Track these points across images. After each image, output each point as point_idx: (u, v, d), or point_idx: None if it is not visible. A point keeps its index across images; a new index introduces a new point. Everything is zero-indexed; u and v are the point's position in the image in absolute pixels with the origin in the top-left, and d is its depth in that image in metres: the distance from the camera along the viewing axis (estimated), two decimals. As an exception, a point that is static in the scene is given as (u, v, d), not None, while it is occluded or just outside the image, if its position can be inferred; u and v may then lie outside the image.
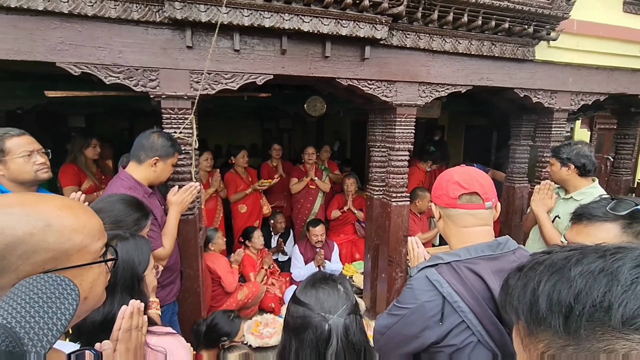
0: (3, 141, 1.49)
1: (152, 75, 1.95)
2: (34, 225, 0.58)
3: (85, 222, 0.65)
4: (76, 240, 0.62)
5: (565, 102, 3.00)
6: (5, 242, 0.55)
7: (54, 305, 0.47)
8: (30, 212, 0.59)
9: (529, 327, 0.48)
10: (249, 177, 3.97)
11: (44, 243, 0.58)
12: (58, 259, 0.59)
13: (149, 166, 1.78)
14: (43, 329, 0.44)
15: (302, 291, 0.90)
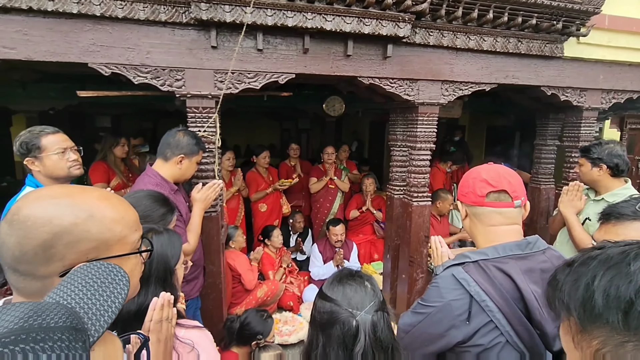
0: (39, 139, 1.56)
1: (178, 75, 2.00)
2: (78, 215, 0.60)
3: (124, 213, 0.67)
4: (116, 230, 0.64)
5: (595, 101, 2.88)
6: (53, 231, 0.58)
7: (108, 290, 0.49)
8: (74, 203, 0.62)
9: (582, 324, 0.47)
10: (269, 177, 4.00)
11: (87, 233, 0.60)
12: (99, 248, 0.62)
13: (174, 164, 1.83)
14: (100, 310, 0.47)
15: (329, 287, 0.90)
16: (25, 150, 1.54)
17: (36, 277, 0.58)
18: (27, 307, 0.40)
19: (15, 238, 0.57)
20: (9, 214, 0.59)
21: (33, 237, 0.57)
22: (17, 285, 0.60)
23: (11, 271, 0.59)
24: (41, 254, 0.57)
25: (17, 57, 1.76)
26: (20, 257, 0.57)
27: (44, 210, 0.59)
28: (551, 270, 0.98)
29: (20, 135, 1.56)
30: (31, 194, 0.62)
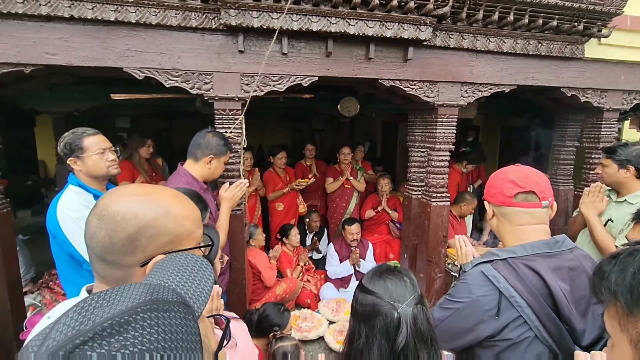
0: (82, 139, 1.65)
1: (206, 78, 2.08)
2: (157, 212, 0.66)
3: (192, 211, 0.73)
4: (186, 226, 0.70)
5: (616, 102, 2.87)
6: (138, 225, 0.64)
7: (198, 275, 0.56)
8: (152, 200, 0.68)
9: (629, 308, 0.53)
10: (287, 177, 4.07)
11: (165, 227, 0.66)
12: (174, 242, 0.68)
13: (204, 163, 1.91)
14: (196, 292, 0.53)
15: (370, 280, 0.95)
16: (68, 151, 1.63)
17: (121, 267, 0.65)
18: (144, 286, 0.46)
19: (105, 231, 0.63)
20: (97, 209, 0.66)
21: (121, 230, 0.63)
22: (102, 274, 0.67)
23: (99, 260, 0.66)
24: (127, 246, 0.64)
25: (58, 63, 1.86)
26: (109, 248, 0.63)
27: (130, 206, 0.65)
28: (579, 268, 1.02)
29: (64, 136, 1.65)
30: (115, 192, 0.69)
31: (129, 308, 0.40)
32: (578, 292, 0.99)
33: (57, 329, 0.39)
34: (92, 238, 0.65)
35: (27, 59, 1.83)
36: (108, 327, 0.38)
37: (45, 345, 0.38)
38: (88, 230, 0.66)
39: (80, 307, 0.42)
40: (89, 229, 0.66)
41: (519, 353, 1.00)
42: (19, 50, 1.81)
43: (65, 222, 1.54)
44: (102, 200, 0.68)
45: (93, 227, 0.65)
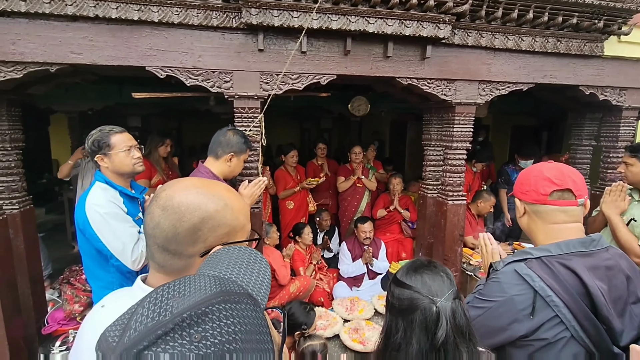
0: (109, 137, 1.68)
1: (226, 77, 2.09)
2: (218, 203, 0.69)
3: (244, 205, 0.76)
4: (241, 219, 0.73)
5: (635, 100, 2.83)
6: (201, 216, 0.66)
7: (256, 268, 0.56)
8: (212, 193, 0.70)
9: None
10: (297, 175, 4.08)
11: (224, 219, 0.69)
12: (230, 234, 0.70)
13: (225, 161, 1.92)
14: (257, 284, 0.54)
15: (406, 275, 0.95)
16: (96, 148, 1.65)
17: (182, 256, 0.67)
18: (210, 278, 0.47)
19: (169, 221, 0.65)
20: (160, 200, 0.68)
21: (186, 221, 0.65)
22: (163, 263, 0.68)
23: (160, 250, 0.67)
24: (190, 236, 0.66)
25: (83, 62, 1.88)
26: (172, 237, 0.65)
27: (193, 198, 0.67)
28: (616, 267, 1.01)
29: (91, 134, 1.68)
30: (175, 185, 0.71)
31: (203, 299, 0.41)
32: (615, 292, 0.98)
33: (136, 319, 0.40)
34: (155, 228, 0.67)
35: (53, 58, 1.86)
36: (187, 317, 0.39)
37: (126, 335, 0.39)
38: (151, 220, 0.67)
39: (154, 298, 0.43)
40: (151, 219, 0.67)
41: (555, 353, 0.99)
42: (45, 50, 1.84)
43: (94, 218, 1.57)
44: (163, 191, 0.69)
45: (157, 217, 0.66)
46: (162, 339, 0.37)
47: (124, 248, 1.60)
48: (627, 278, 1.01)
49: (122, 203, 1.70)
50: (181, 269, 0.67)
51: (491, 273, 1.14)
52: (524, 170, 1.20)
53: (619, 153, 2.93)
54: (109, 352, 0.39)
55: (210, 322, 0.39)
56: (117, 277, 1.71)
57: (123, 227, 1.62)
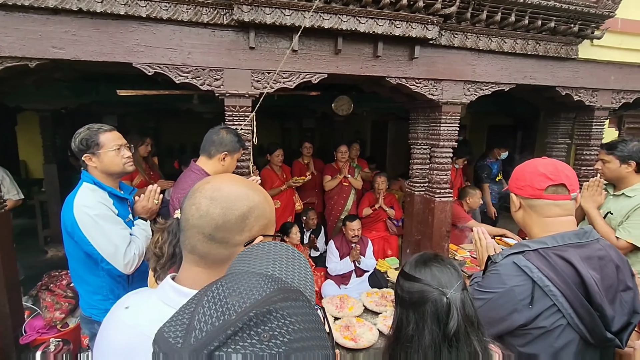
0: (98, 135, 1.61)
1: (217, 75, 2.06)
2: (260, 195, 0.73)
3: (271, 201, 0.79)
4: (273, 213, 0.77)
5: (606, 101, 3.00)
6: (249, 205, 0.70)
7: (297, 265, 0.56)
8: (254, 186, 0.74)
9: None
10: (283, 174, 4.07)
11: (265, 210, 0.73)
12: (268, 225, 0.74)
13: (218, 160, 1.89)
14: (302, 281, 0.53)
15: (414, 269, 0.97)
16: (84, 147, 1.58)
17: (229, 245, 0.69)
18: (261, 276, 0.46)
19: (220, 209, 0.67)
20: (206, 192, 0.69)
21: (236, 208, 0.68)
22: (206, 253, 0.69)
23: (206, 240, 0.68)
24: (239, 224, 0.68)
25: (65, 57, 1.80)
26: (222, 225, 0.67)
27: (241, 188, 0.71)
28: (607, 257, 1.08)
29: (79, 132, 1.61)
30: (217, 178, 0.75)
31: (265, 298, 0.41)
32: (607, 281, 1.04)
33: (199, 319, 0.39)
34: (203, 217, 0.68)
35: (33, 53, 1.76)
36: (254, 317, 0.38)
37: (192, 335, 0.38)
38: (197, 210, 0.68)
39: (212, 297, 0.42)
40: (197, 209, 0.68)
41: (551, 340, 1.04)
42: (24, 44, 1.75)
43: (84, 220, 1.50)
44: (207, 184, 0.72)
45: (204, 206, 0.68)
46: (231, 339, 0.37)
47: (116, 251, 1.54)
48: (617, 267, 1.07)
49: (112, 204, 1.64)
50: (224, 258, 0.69)
51: (489, 266, 1.18)
52: (518, 167, 1.25)
53: (592, 150, 3.10)
54: (173, 353, 0.38)
55: (276, 320, 0.39)
56: (107, 282, 1.65)
57: (115, 229, 1.57)
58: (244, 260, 0.56)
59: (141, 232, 1.72)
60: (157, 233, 1.40)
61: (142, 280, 1.76)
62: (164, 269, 1.34)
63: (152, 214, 1.86)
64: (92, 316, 1.67)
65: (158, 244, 1.36)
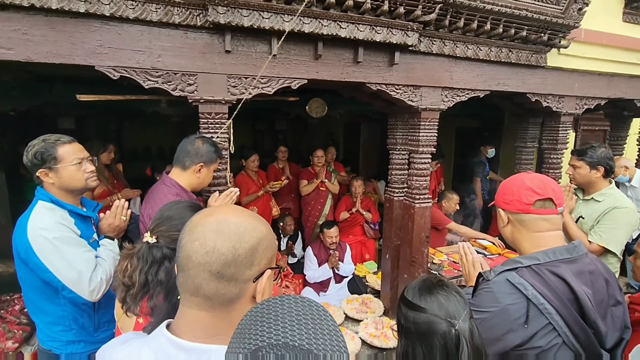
0: (55, 148, 1.44)
1: (190, 79, 1.92)
2: (265, 225, 0.70)
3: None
4: (276, 244, 0.73)
5: (571, 106, 3.15)
6: (258, 237, 0.66)
7: (325, 328, 0.48)
8: (255, 216, 0.70)
9: None
10: (259, 180, 3.95)
11: (272, 242, 0.69)
12: (273, 258, 0.69)
13: (193, 172, 1.76)
14: (334, 350, 0.45)
15: (419, 297, 0.92)
16: (39, 161, 1.41)
17: (237, 282, 0.64)
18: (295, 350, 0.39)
19: (229, 243, 0.62)
20: (211, 225, 0.64)
21: (246, 241, 0.64)
22: (213, 294, 0.63)
23: (214, 278, 0.62)
24: (249, 257, 0.64)
25: (15, 59, 1.60)
26: (232, 260, 0.62)
27: (247, 219, 0.67)
28: (597, 271, 1.08)
29: (32, 144, 1.42)
30: (221, 209, 0.70)
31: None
32: (598, 296, 1.05)
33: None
34: (210, 253, 0.62)
35: (-25, 54, 1.55)
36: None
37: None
38: (201, 247, 0.62)
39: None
40: (202, 245, 0.62)
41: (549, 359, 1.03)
42: (-35, 43, 1.53)
43: (40, 245, 1.33)
44: (209, 217, 0.66)
45: (211, 241, 0.63)
46: None
47: (80, 277, 1.38)
48: (606, 281, 1.08)
49: (73, 224, 1.47)
50: (233, 297, 0.64)
51: (481, 283, 1.16)
52: (504, 182, 1.24)
53: (558, 154, 3.24)
54: None
55: None
56: (69, 310, 1.48)
57: (77, 253, 1.40)
58: (263, 322, 0.47)
59: (108, 254, 1.56)
60: (125, 259, 1.26)
61: (109, 307, 1.60)
62: (135, 300, 1.21)
63: (120, 231, 1.70)
64: (52, 349, 1.49)
65: (127, 272, 1.23)
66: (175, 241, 1.28)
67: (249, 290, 0.65)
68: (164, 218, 1.30)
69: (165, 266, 1.25)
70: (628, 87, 3.37)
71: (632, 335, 1.09)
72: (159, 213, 1.33)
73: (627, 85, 3.37)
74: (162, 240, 1.27)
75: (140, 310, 1.19)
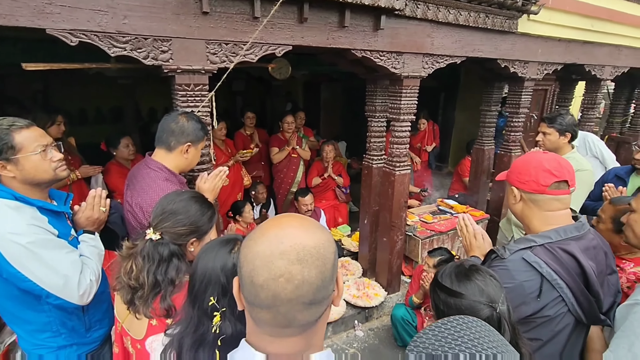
0: (11, 135, 1.19)
1: (163, 45, 1.67)
2: (329, 233, 0.65)
3: None
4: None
5: (534, 72, 3.30)
6: (333, 250, 0.62)
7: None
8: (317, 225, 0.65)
9: None
10: (228, 149, 3.74)
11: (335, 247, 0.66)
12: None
13: (180, 153, 1.59)
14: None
15: (457, 284, 0.95)
16: None
17: (326, 300, 0.61)
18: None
19: (316, 269, 0.58)
20: (290, 255, 0.57)
21: (328, 260, 0.60)
22: (309, 319, 0.60)
23: (307, 307, 0.58)
24: (332, 273, 0.61)
25: (-64, 19, 1.25)
26: (321, 285, 0.59)
27: (317, 235, 0.61)
28: (598, 246, 1.18)
29: None
30: (289, 230, 0.60)
31: None
32: (599, 267, 1.16)
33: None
34: (299, 287, 0.57)
35: None
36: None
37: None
38: (288, 283, 0.56)
39: None
40: (289, 281, 0.56)
41: (552, 326, 1.15)
42: None
43: (14, 253, 1.14)
44: (280, 245, 0.58)
45: (298, 275, 0.57)
46: None
47: (67, 282, 1.23)
48: (605, 254, 1.20)
49: (47, 223, 1.28)
50: (321, 314, 0.62)
51: (494, 260, 1.23)
52: (520, 160, 1.27)
53: (520, 117, 3.45)
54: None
55: None
56: (55, 316, 1.34)
57: (60, 256, 1.24)
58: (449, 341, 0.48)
59: (91, 250, 1.40)
60: (127, 260, 1.15)
61: (99, 303, 1.48)
62: (146, 301, 1.12)
63: (100, 224, 1.53)
64: (41, 358, 1.36)
65: (132, 273, 1.12)
66: (182, 236, 1.20)
67: (331, 299, 0.64)
68: (167, 212, 1.19)
69: (174, 264, 1.16)
70: (581, 53, 3.60)
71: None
72: (159, 207, 1.20)
73: (581, 51, 3.59)
74: (167, 236, 1.17)
75: (153, 312, 1.11)
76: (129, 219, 1.52)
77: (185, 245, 1.21)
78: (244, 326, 0.95)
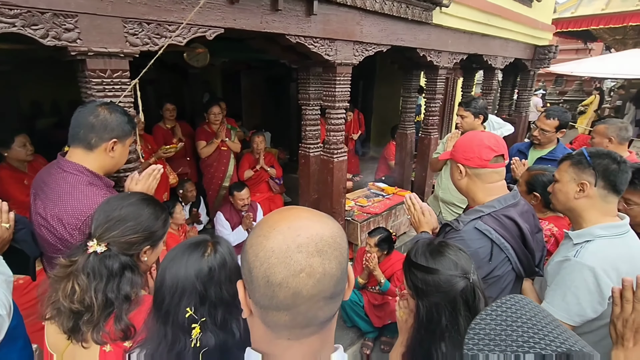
0: None
1: (67, 22, 1.39)
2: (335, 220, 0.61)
3: None
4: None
5: (446, 61, 3.63)
6: (345, 237, 0.59)
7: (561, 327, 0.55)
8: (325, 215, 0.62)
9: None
10: (147, 145, 3.35)
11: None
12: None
13: (104, 152, 1.35)
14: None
15: (433, 260, 0.98)
16: None
17: (341, 294, 0.59)
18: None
19: (335, 260, 0.55)
20: (309, 247, 0.53)
21: (344, 249, 0.58)
22: (329, 315, 0.57)
23: (328, 302, 0.55)
24: (347, 265, 0.59)
25: None
26: (341, 277, 0.56)
27: (330, 224, 0.58)
28: (529, 210, 1.36)
29: None
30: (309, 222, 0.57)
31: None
32: (531, 228, 1.34)
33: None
34: (321, 281, 0.53)
35: None
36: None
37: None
38: (310, 277, 0.52)
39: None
40: (311, 275, 0.52)
41: (501, 283, 1.29)
42: None
43: None
44: (297, 237, 0.53)
45: (319, 267, 0.53)
46: None
47: None
48: (533, 216, 1.38)
49: None
50: (337, 309, 0.60)
51: (449, 232, 1.32)
52: (462, 139, 1.38)
53: (437, 103, 3.78)
54: None
55: None
56: None
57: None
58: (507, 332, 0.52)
59: (-4, 277, 1.13)
60: (65, 280, 0.95)
61: (13, 340, 1.20)
62: (97, 325, 0.95)
63: (4, 243, 1.23)
64: None
65: (75, 295, 0.94)
66: (134, 245, 1.04)
67: (344, 291, 0.61)
68: (114, 220, 1.01)
69: (127, 277, 1.00)
70: (481, 44, 4.07)
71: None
72: (102, 215, 1.01)
73: (480, 43, 4.05)
74: (116, 247, 1.00)
75: (107, 337, 0.94)
76: (43, 234, 1.25)
77: (138, 255, 1.05)
78: (228, 334, 0.87)
